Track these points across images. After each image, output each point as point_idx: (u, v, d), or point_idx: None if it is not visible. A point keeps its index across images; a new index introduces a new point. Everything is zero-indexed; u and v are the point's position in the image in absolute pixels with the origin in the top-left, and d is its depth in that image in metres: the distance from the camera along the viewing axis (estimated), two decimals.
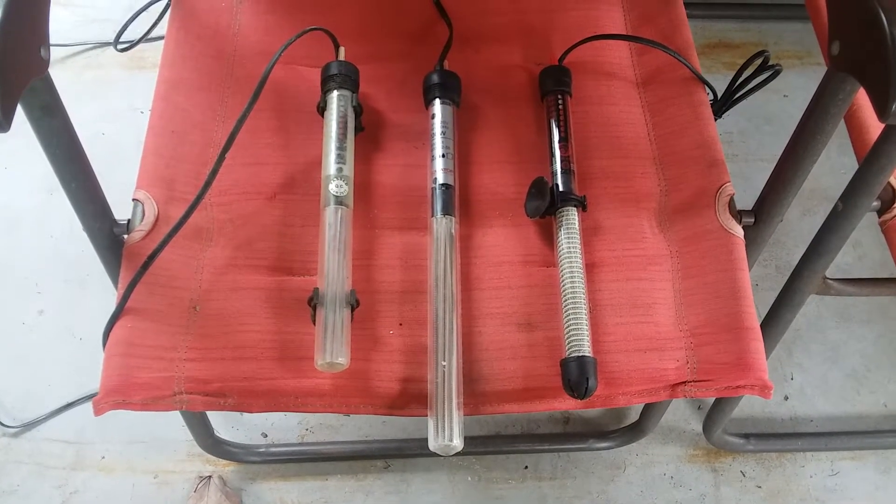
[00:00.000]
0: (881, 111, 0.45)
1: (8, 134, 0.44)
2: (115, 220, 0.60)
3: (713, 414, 0.91)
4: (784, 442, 0.97)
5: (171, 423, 0.94)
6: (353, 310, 0.59)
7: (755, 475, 0.95)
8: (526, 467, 0.95)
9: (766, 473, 0.95)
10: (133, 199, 0.62)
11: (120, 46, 0.77)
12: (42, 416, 0.95)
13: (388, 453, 0.94)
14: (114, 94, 1.19)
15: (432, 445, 0.55)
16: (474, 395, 0.58)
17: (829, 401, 1.00)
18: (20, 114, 0.45)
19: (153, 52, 1.16)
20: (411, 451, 0.94)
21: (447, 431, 0.55)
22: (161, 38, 0.72)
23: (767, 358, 0.59)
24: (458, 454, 0.96)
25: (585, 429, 0.98)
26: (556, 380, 0.58)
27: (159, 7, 0.75)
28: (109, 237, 0.60)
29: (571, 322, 0.59)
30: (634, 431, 0.94)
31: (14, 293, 1.03)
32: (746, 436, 0.96)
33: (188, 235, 0.61)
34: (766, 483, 0.95)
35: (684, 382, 0.58)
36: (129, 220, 0.61)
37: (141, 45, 0.78)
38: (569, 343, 0.58)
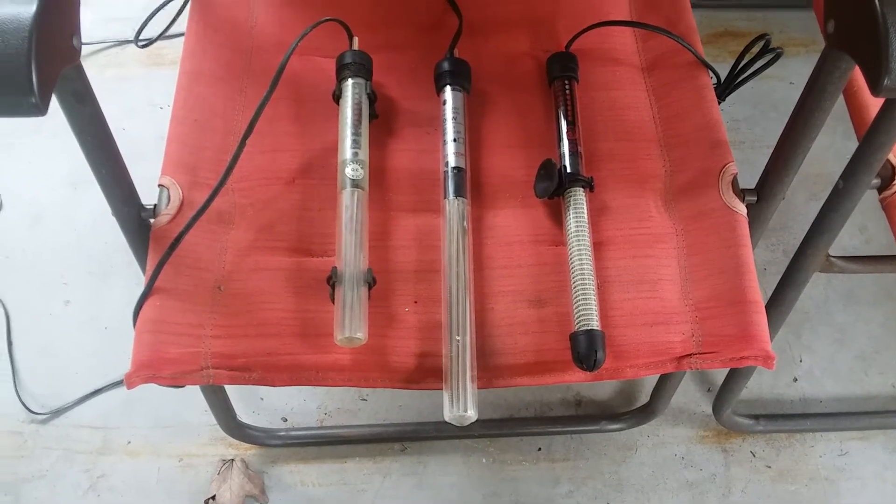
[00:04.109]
0: (873, 86, 0.47)
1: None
2: (142, 205, 0.63)
3: (722, 394, 0.92)
4: (793, 422, 0.98)
5: (195, 408, 0.96)
6: (370, 288, 0.61)
7: (765, 455, 0.96)
8: (539, 449, 0.96)
9: (775, 454, 0.96)
10: (159, 185, 0.64)
11: (140, 43, 0.79)
12: (69, 402, 0.98)
13: (404, 436, 0.97)
14: (134, 90, 1.22)
15: (447, 416, 0.57)
16: (487, 368, 0.60)
17: (837, 382, 1.01)
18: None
19: (171, 50, 1.20)
20: (427, 434, 0.96)
21: (461, 402, 0.57)
22: (179, 35, 0.74)
23: (774, 337, 0.60)
24: (472, 437, 0.97)
25: (597, 411, 0.99)
26: (566, 353, 0.60)
27: (176, 5, 0.78)
28: (137, 221, 0.63)
29: (580, 297, 0.60)
30: (645, 413, 0.95)
31: (41, 284, 1.06)
32: (756, 417, 0.97)
33: (211, 219, 0.64)
34: (776, 463, 0.96)
35: (690, 355, 0.60)
36: (155, 205, 0.64)
37: (159, 43, 0.80)
38: (578, 317, 0.60)
